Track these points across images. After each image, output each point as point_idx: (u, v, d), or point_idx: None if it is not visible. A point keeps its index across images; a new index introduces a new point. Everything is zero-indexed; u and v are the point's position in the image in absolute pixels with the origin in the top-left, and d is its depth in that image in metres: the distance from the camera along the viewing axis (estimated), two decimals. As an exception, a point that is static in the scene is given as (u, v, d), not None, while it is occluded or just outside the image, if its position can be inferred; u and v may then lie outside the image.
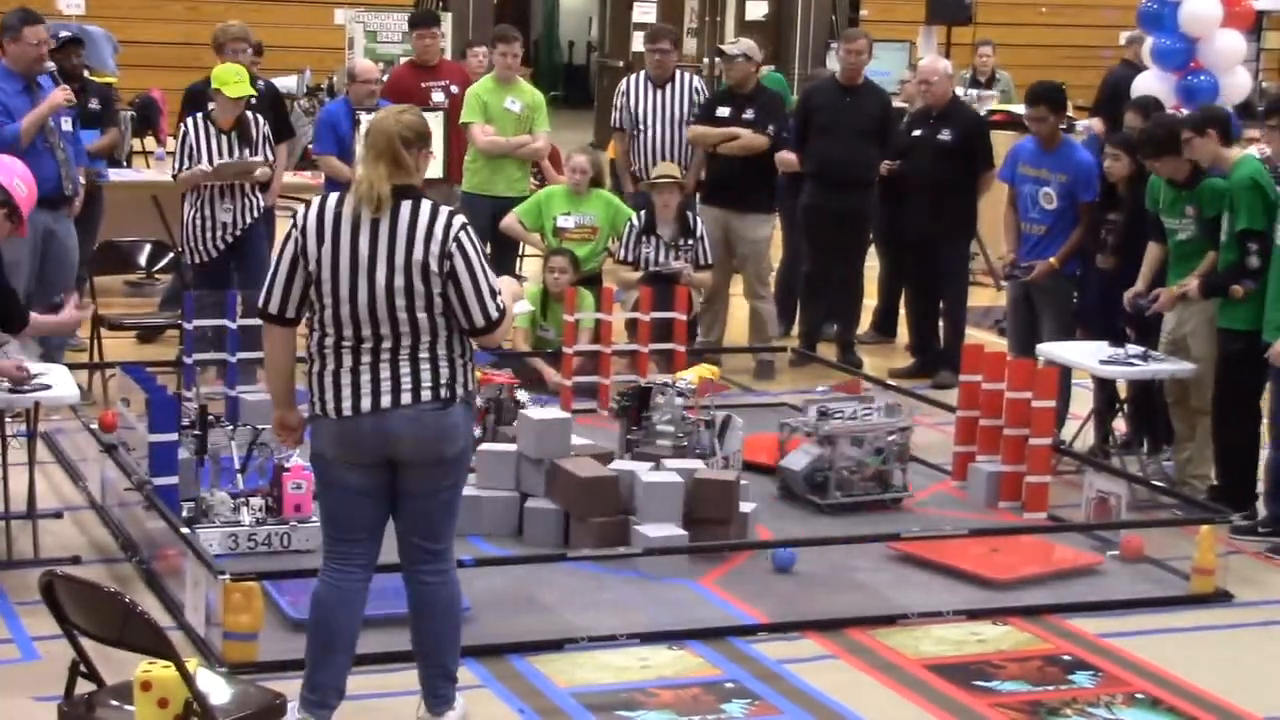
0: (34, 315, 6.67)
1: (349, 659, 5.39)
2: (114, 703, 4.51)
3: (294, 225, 5.24)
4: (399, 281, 5.11)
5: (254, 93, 9.74)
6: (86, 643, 4.55)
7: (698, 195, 10.94)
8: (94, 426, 7.74)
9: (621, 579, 6.89)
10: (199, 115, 9.69)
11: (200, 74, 11.10)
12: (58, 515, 7.41)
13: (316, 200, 5.27)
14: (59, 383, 6.96)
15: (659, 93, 11.02)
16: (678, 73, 11.17)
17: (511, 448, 7.52)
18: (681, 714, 5.74)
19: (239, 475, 7.27)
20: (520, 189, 10.91)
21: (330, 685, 5.34)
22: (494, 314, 5.20)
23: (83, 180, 9.39)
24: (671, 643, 6.32)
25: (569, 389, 9.42)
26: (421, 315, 5.14)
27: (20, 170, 6.85)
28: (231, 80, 9.57)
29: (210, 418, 7.32)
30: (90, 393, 9.09)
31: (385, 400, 5.15)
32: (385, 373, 5.16)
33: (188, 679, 4.34)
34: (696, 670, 6.12)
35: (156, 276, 11.06)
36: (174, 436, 7.02)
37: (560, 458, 7.37)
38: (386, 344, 5.16)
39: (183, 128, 9.68)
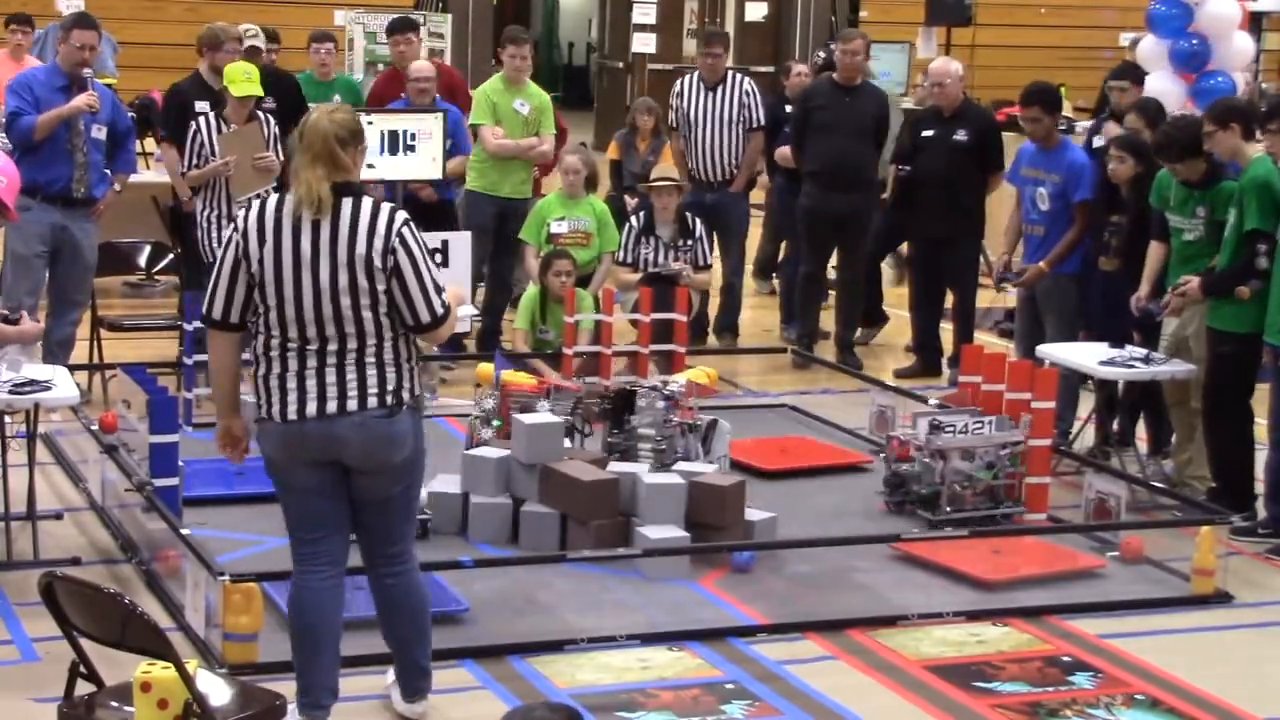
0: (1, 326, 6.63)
1: (335, 656, 5.39)
2: (114, 704, 4.50)
3: (234, 229, 5.21)
4: (343, 279, 5.10)
5: (261, 93, 9.72)
6: (86, 644, 4.54)
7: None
8: (94, 428, 7.74)
9: (621, 580, 6.89)
10: (210, 114, 9.67)
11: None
12: (58, 516, 7.42)
13: (257, 203, 5.25)
14: (59, 383, 6.96)
15: (710, 94, 11.17)
16: (729, 74, 11.27)
17: (498, 453, 7.46)
18: (681, 715, 5.74)
19: None
20: (524, 191, 10.90)
21: (321, 685, 5.34)
22: (439, 310, 5.19)
23: (118, 188, 9.37)
24: (671, 644, 6.32)
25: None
26: (366, 314, 5.13)
27: None
28: (240, 79, 9.54)
29: None
30: (90, 394, 9.10)
31: (331, 406, 5.14)
32: (331, 377, 5.15)
33: (187, 680, 4.34)
34: (696, 671, 6.12)
35: (156, 277, 11.05)
36: (175, 437, 7.02)
37: (553, 462, 7.34)
38: (332, 346, 5.14)
39: (192, 125, 9.66)
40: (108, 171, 9.28)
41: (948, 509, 7.64)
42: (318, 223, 5.11)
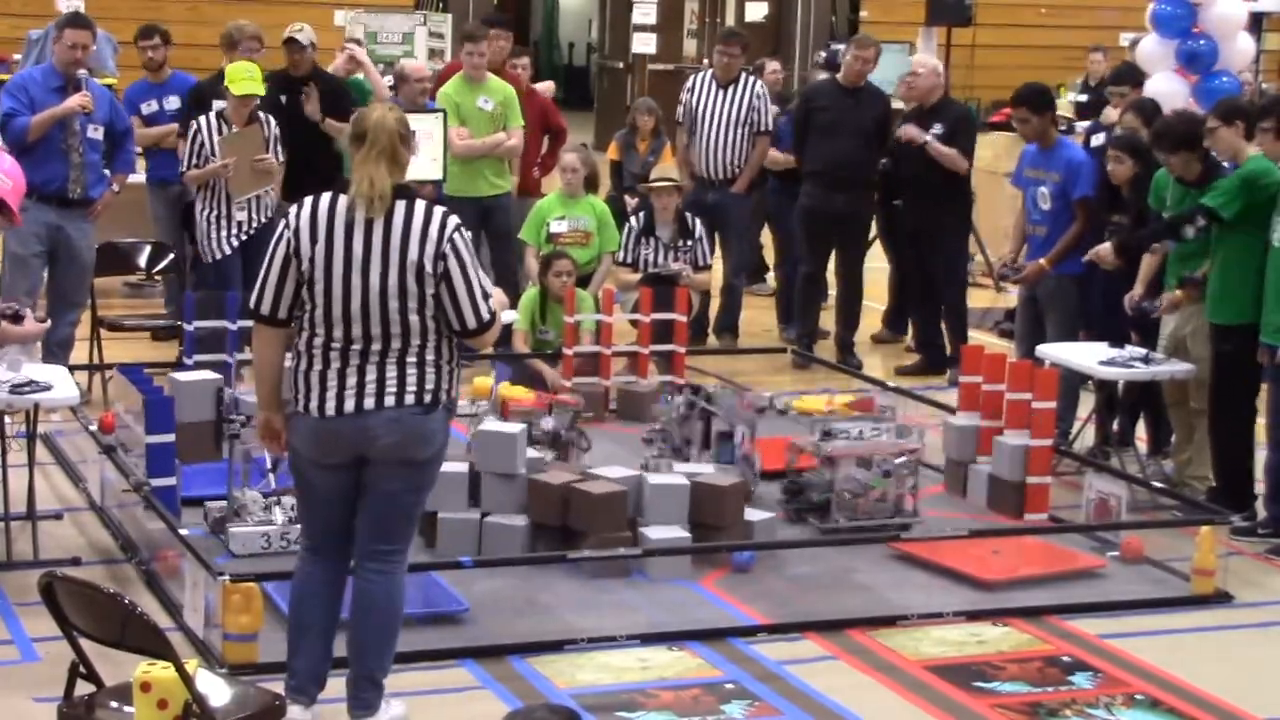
0: (3, 325, 6.64)
1: (323, 648, 5.39)
2: (113, 704, 4.50)
3: (285, 225, 5.23)
4: (393, 281, 5.12)
5: (262, 92, 9.73)
6: (86, 644, 4.54)
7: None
8: (94, 428, 7.73)
9: (622, 580, 6.89)
10: (211, 114, 9.70)
11: (200, 75, 11.10)
12: (57, 516, 7.42)
13: (309, 200, 5.26)
14: (59, 384, 6.95)
15: (721, 93, 11.19)
16: (742, 75, 11.29)
17: (462, 467, 7.27)
18: (681, 715, 5.74)
19: (270, 475, 7.24)
20: (503, 187, 10.85)
21: (305, 671, 5.35)
22: (485, 316, 5.22)
23: (116, 188, 9.37)
24: (671, 644, 6.32)
25: (569, 390, 9.42)
26: (414, 317, 5.15)
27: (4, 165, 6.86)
28: (241, 78, 9.57)
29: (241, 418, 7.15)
30: (90, 394, 9.09)
31: (369, 402, 5.16)
32: (371, 375, 5.17)
33: (187, 680, 4.34)
34: (696, 671, 6.12)
35: (156, 277, 11.05)
36: (171, 437, 7.01)
37: (509, 471, 7.15)
38: (376, 346, 5.16)
39: (194, 125, 9.69)
40: (106, 172, 9.28)
41: (838, 518, 7.53)
42: (370, 223, 5.13)
